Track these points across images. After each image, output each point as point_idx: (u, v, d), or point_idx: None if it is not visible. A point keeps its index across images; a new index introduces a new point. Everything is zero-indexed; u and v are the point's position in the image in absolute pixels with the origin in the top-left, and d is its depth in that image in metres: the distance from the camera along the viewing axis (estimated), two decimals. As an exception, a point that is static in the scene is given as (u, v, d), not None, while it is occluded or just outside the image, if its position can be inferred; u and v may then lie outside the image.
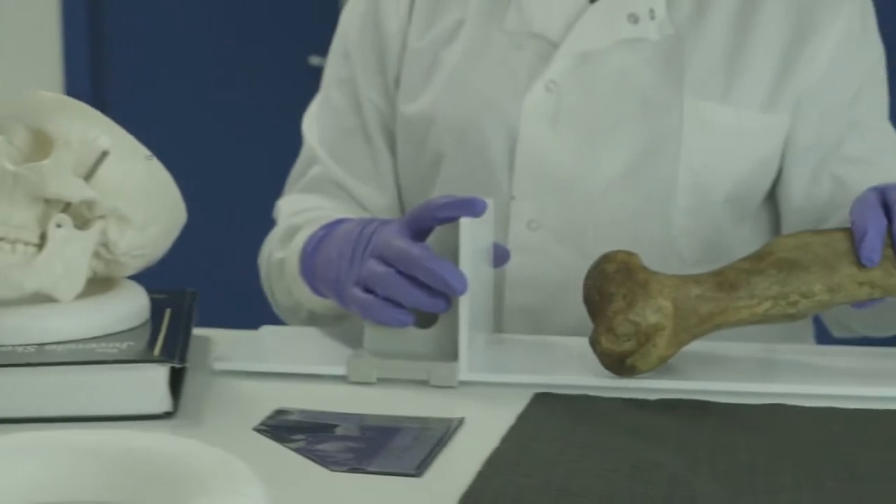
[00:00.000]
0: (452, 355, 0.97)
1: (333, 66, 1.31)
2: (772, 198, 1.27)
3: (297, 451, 0.82)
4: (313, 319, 1.19)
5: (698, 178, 1.19)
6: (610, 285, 0.94)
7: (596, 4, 1.20)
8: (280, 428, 0.87)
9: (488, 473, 0.76)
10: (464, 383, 0.97)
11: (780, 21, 1.19)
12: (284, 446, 0.83)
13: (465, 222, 0.95)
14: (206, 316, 1.14)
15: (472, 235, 0.96)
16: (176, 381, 0.91)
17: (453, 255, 0.95)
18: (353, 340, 1.08)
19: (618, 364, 0.94)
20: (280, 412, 0.90)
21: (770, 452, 0.80)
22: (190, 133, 3.44)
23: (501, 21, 1.22)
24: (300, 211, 1.23)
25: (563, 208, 1.19)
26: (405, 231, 0.98)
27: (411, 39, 1.25)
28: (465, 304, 0.96)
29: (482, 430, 0.86)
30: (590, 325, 0.98)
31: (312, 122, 1.32)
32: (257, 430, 0.87)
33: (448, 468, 0.79)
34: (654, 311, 0.93)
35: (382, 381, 0.98)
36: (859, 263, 0.94)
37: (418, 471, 0.77)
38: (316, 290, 1.11)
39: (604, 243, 1.11)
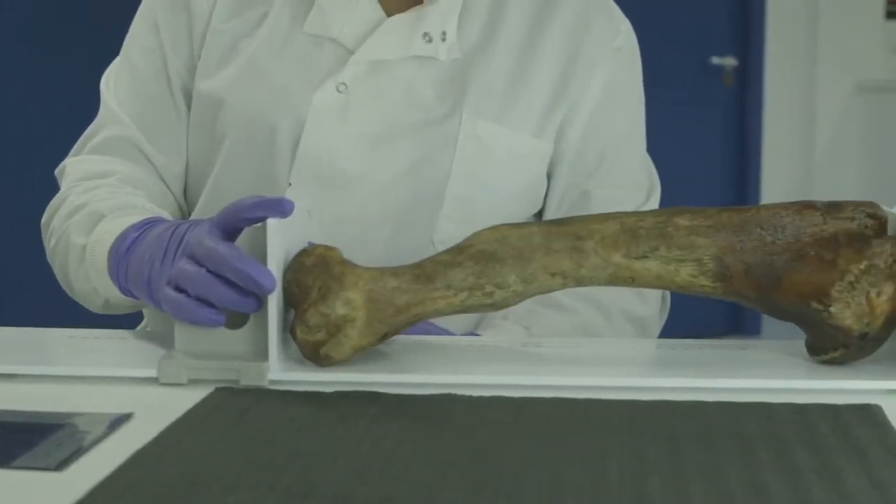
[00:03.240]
0: (265, 355, 0.96)
1: (139, 35, 1.33)
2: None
3: (-47, 448, 0.82)
4: (108, 307, 1.19)
5: (467, 191, 1.25)
6: (307, 278, 0.97)
7: (392, 19, 1.26)
8: (-53, 426, 0.87)
9: (128, 465, 0.77)
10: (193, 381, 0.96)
11: (554, 60, 1.29)
12: (-57, 445, 0.83)
13: (273, 223, 0.96)
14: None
15: (281, 235, 0.96)
16: None
17: (264, 254, 0.96)
18: (67, 342, 1.09)
19: (313, 353, 0.97)
20: (-44, 411, 0.90)
21: (414, 441, 0.82)
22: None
23: (303, 22, 1.27)
24: (90, 175, 1.24)
25: (336, 202, 1.23)
26: (216, 231, 0.98)
27: (215, 20, 1.29)
28: (273, 303, 0.96)
29: (156, 423, 0.86)
30: None
31: (112, 85, 1.33)
32: (-75, 428, 0.87)
33: (96, 463, 0.79)
34: (343, 304, 0.96)
35: (94, 379, 0.98)
36: (552, 255, 0.98)
37: (60, 466, 0.78)
38: (126, 290, 1.10)
39: (367, 242, 1.16)
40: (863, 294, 0.96)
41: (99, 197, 1.20)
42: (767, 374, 0.98)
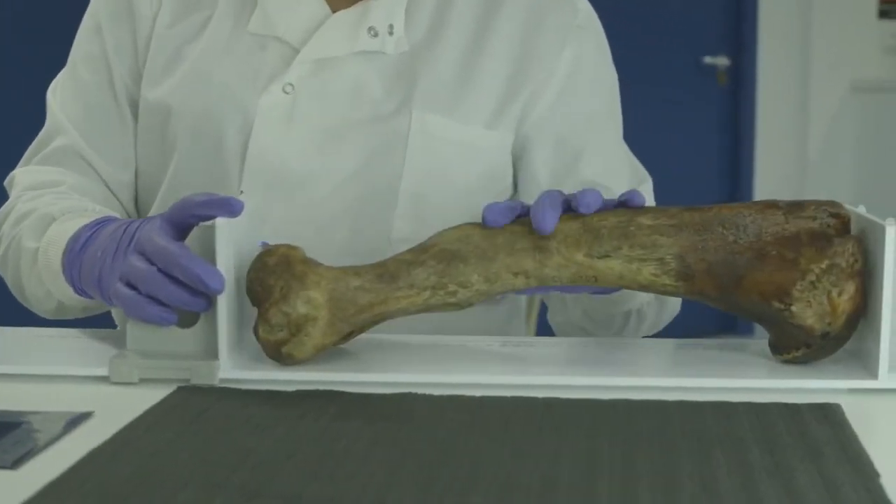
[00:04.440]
0: (216, 354, 0.97)
1: (83, 43, 1.32)
2: None
3: None
4: (62, 311, 1.19)
5: (421, 187, 1.24)
6: (269, 277, 0.97)
7: (337, 15, 1.25)
8: None
9: (82, 464, 0.78)
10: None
11: (508, 49, 1.26)
12: None
13: (222, 222, 0.96)
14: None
15: (231, 235, 0.97)
16: None
17: (213, 253, 0.96)
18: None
19: (276, 352, 0.97)
20: (-83, 409, 0.91)
21: (370, 440, 0.83)
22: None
23: (247, 22, 1.26)
24: (38, 185, 1.24)
25: (289, 206, 1.23)
26: (166, 227, 0.98)
27: (159, 27, 1.28)
28: (223, 303, 0.96)
29: (115, 422, 0.87)
30: None
31: (58, 95, 1.32)
32: None
33: (52, 461, 0.79)
34: (304, 303, 0.96)
35: (53, 377, 0.98)
36: (515, 254, 0.98)
37: (14, 464, 0.78)
38: (80, 290, 1.10)
39: (322, 243, 1.16)
40: (824, 293, 0.96)
41: (48, 202, 1.20)
42: (730, 374, 0.98)
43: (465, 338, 1.13)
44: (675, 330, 1.18)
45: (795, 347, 0.99)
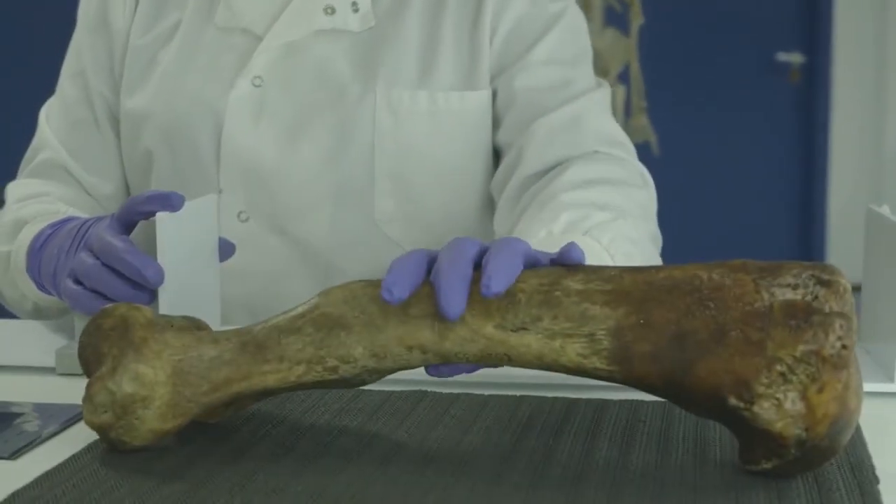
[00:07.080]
0: None
1: (69, 59, 1.35)
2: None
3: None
4: (38, 312, 1.21)
5: (397, 166, 1.23)
6: (103, 344, 0.81)
7: None
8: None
9: (80, 454, 0.79)
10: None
11: (463, 5, 1.25)
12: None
13: (162, 216, 0.97)
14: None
15: (173, 229, 0.97)
16: None
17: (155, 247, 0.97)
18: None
19: (104, 437, 0.80)
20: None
21: (369, 437, 0.83)
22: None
23: (213, 17, 1.26)
24: (26, 197, 1.26)
25: (269, 199, 1.24)
26: (115, 225, 1.00)
27: (133, 38, 1.29)
28: (163, 296, 0.97)
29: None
30: None
31: (49, 110, 1.36)
32: None
33: (54, 452, 0.81)
34: (131, 380, 0.78)
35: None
36: (409, 322, 0.78)
37: (14, 455, 0.80)
38: (41, 286, 1.13)
39: (308, 228, 1.15)
40: (798, 390, 0.73)
41: (25, 208, 1.22)
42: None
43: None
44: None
45: (765, 457, 0.75)
